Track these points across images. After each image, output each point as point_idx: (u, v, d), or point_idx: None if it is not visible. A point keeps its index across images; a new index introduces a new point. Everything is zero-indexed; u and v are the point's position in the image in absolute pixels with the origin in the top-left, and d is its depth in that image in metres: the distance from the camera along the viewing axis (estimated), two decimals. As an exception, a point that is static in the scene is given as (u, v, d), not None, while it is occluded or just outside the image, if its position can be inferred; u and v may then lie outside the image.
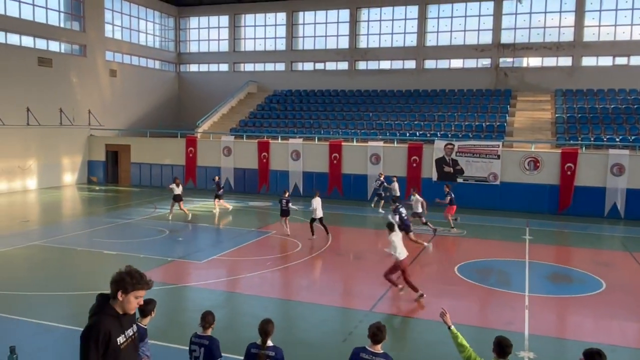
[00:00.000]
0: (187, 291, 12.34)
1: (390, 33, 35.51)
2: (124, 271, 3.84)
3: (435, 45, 34.56)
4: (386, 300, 11.74)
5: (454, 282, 13.19)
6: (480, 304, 11.98)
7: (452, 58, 34.41)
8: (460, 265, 14.58)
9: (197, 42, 40.89)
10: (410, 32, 34.94)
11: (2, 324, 9.82)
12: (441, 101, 32.09)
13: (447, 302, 11.62)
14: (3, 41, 27.18)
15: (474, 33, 33.72)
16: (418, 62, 34.85)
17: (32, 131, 28.11)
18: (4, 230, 18.21)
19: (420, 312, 11.28)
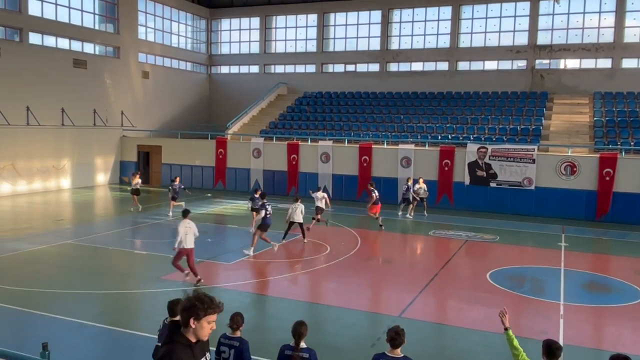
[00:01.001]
0: (216, 292, 12.46)
1: (422, 34, 35.25)
2: (193, 296, 3.80)
3: (469, 47, 34.16)
4: (416, 306, 11.63)
5: (486, 289, 12.98)
6: (513, 312, 11.72)
7: (486, 59, 33.94)
8: (493, 272, 14.34)
9: (228, 44, 41.37)
10: (443, 33, 34.61)
11: (35, 321, 10.10)
12: (474, 103, 31.69)
13: (479, 310, 11.44)
14: (40, 43, 28.02)
15: (509, 34, 33.19)
16: (451, 64, 34.49)
17: (67, 132, 28.88)
18: (39, 228, 18.75)
19: (452, 318, 11.14)
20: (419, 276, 14.15)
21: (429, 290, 12.82)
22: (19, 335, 9.47)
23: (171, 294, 11.43)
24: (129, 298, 11.95)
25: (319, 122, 32.99)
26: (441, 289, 13.17)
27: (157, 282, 12.68)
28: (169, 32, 37.51)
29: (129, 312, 11.09)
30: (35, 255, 15.22)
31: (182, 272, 12.59)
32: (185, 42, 39.51)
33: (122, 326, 9.92)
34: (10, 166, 25.92)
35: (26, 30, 26.95)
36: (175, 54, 37.95)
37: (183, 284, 12.67)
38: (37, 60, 27.34)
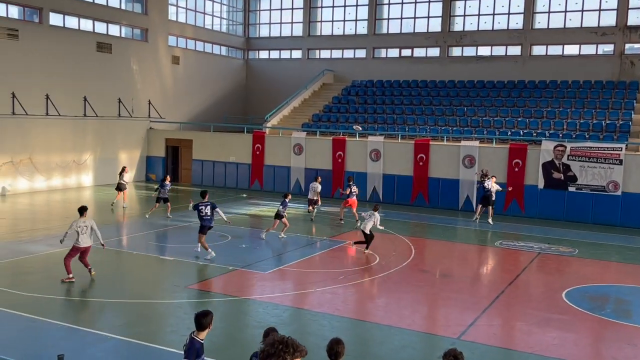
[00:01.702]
0: (249, 304, 12.61)
1: (491, 14, 34.65)
2: (277, 341, 3.87)
3: (546, 28, 33.34)
4: (478, 328, 11.43)
5: (561, 309, 12.64)
6: (592, 337, 11.40)
7: (566, 43, 33.04)
8: (570, 291, 13.97)
9: (267, 26, 41.78)
10: (516, 13, 33.91)
11: (52, 331, 10.45)
12: (551, 94, 30.92)
13: (552, 333, 11.16)
14: (61, 24, 29.04)
15: (594, 14, 32.20)
16: (524, 48, 33.75)
17: (89, 123, 29.81)
18: (57, 229, 19.39)
19: (521, 343, 10.89)
20: (483, 293, 13.91)
21: (494, 310, 12.57)
22: (34, 346, 9.82)
23: (198, 306, 11.62)
24: (154, 308, 12.22)
25: (368, 115, 32.91)
26: (508, 308, 12.91)
27: (184, 292, 12.93)
28: (202, 12, 38.22)
29: (153, 324, 11.34)
30: (53, 259, 15.75)
31: (69, 273, 13.26)
32: (220, 24, 40.16)
33: (145, 339, 10.14)
34: (28, 160, 26.95)
35: (46, 10, 27.98)
36: (208, 36, 38.62)
37: (214, 294, 12.86)
38: (58, 43, 28.33)
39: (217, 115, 38.13)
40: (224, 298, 12.75)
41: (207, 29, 38.66)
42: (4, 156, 25.90)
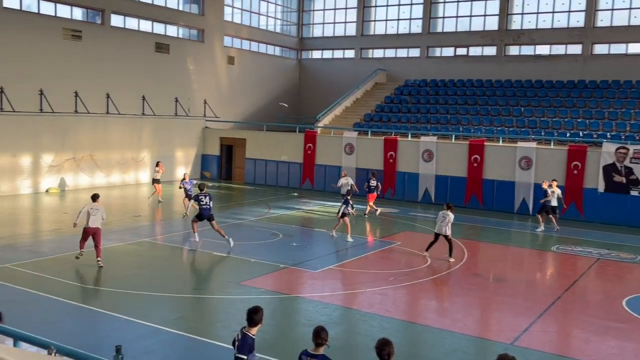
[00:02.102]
0: (300, 303, 12.70)
1: (550, 12, 33.77)
2: None
3: (609, 26, 32.24)
4: (533, 333, 11.17)
5: (621, 317, 12.21)
6: (657, 349, 10.95)
7: (631, 42, 31.88)
8: (631, 298, 13.48)
9: (321, 26, 41.96)
10: (577, 10, 32.94)
11: (110, 322, 10.82)
12: (613, 95, 29.90)
13: (611, 342, 10.81)
14: (121, 25, 29.95)
15: (661, 9, 30.95)
16: (585, 47, 32.73)
17: (147, 121, 30.65)
18: (116, 224, 20.04)
19: (577, 351, 10.59)
20: (537, 298, 13.58)
21: (549, 316, 12.27)
22: (93, 336, 10.19)
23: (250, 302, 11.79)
24: (207, 303, 12.48)
25: (421, 115, 32.62)
26: (564, 315, 12.57)
27: (237, 288, 13.14)
28: (256, 13, 38.71)
29: (206, 319, 11.58)
30: (112, 252, 16.29)
31: (81, 249, 14.50)
32: (275, 24, 40.58)
33: (198, 334, 10.37)
34: (89, 157, 27.92)
35: (108, 12, 28.92)
36: (263, 37, 39.08)
37: (265, 291, 13.02)
38: (119, 44, 29.23)
39: (270, 114, 38.54)
40: (275, 295, 12.90)
41: (262, 30, 39.13)
42: (67, 153, 26.92)
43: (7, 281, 12.91)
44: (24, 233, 18.52)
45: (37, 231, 18.73)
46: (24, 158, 25.49)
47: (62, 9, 27.11)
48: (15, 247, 16.34)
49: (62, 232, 18.16)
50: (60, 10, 27.03)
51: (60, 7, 27.01)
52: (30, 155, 25.65)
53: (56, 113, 26.14)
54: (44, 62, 25.90)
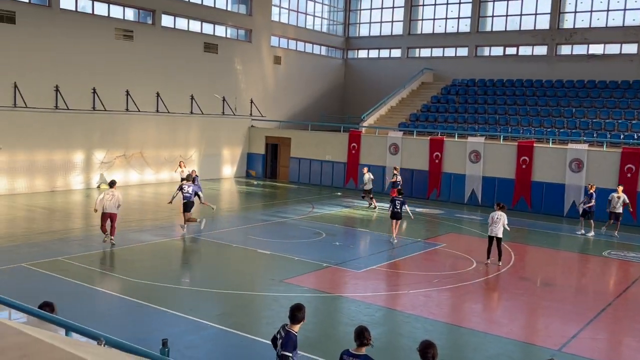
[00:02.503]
0: (342, 302, 12.71)
1: (605, 10, 32.78)
2: None
3: (667, 24, 31.13)
4: (581, 340, 10.89)
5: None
6: None
7: (690, 40, 30.69)
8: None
9: (367, 25, 41.86)
10: (633, 9, 31.89)
11: (156, 316, 11.07)
12: (671, 95, 28.81)
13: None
14: (171, 26, 30.55)
15: None
16: (641, 46, 31.70)
17: (195, 120, 31.20)
18: (164, 220, 20.49)
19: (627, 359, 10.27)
20: (587, 305, 13.23)
21: (599, 323, 11.93)
22: (140, 329, 10.45)
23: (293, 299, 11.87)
24: (250, 300, 12.62)
25: (469, 115, 32.18)
26: (615, 322, 12.20)
27: (280, 286, 13.24)
28: (303, 13, 38.88)
29: (249, 316, 11.72)
30: (159, 248, 16.67)
31: (104, 233, 16.01)
32: (321, 24, 40.69)
33: (242, 330, 10.50)
34: (139, 154, 28.61)
35: (159, 12, 29.54)
36: (309, 36, 39.24)
37: (307, 289, 13.09)
38: (168, 44, 29.83)
39: (315, 114, 38.68)
40: (317, 294, 12.94)
41: (308, 29, 39.29)
42: (118, 150, 27.65)
43: (60, 274, 13.36)
44: (76, 227, 19.12)
45: (88, 226, 19.30)
46: (77, 155, 26.30)
47: (114, 9, 27.85)
48: (68, 241, 16.89)
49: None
50: (113, 11, 27.77)
51: (113, 8, 27.75)
52: (83, 152, 26.46)
53: (108, 111, 26.87)
54: (97, 62, 26.66)
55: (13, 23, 23.55)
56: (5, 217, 20.04)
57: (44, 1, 25.06)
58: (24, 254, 14.96)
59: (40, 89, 24.46)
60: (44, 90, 24.65)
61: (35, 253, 15.06)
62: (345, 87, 42.16)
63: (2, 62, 23.29)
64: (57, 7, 25.20)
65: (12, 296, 5.83)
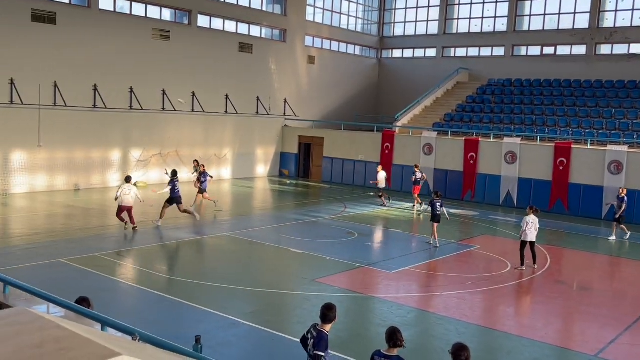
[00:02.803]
0: (374, 302, 12.67)
1: (647, 8, 31.97)
2: None
3: None
4: (619, 346, 10.63)
5: None
6: None
7: None
8: None
9: (402, 24, 41.63)
10: (676, 6, 31.03)
11: (190, 313, 11.20)
12: None
13: None
14: (207, 26, 30.88)
15: None
16: (685, 45, 30.79)
17: (229, 119, 31.49)
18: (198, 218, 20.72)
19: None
20: (626, 310, 12.91)
21: (638, 329, 11.62)
22: (173, 325, 10.58)
23: (325, 299, 11.87)
24: (282, 298, 12.68)
25: (504, 115, 31.73)
26: (655, 329, 11.86)
27: (312, 285, 13.26)
28: (338, 13, 38.87)
29: (281, 314, 11.77)
30: (194, 245, 16.88)
31: (123, 222, 17.57)
32: (355, 23, 40.62)
33: (274, 328, 10.56)
34: (175, 153, 29.00)
35: (195, 12, 29.90)
36: (343, 36, 39.22)
37: (339, 289, 13.08)
38: (204, 44, 30.16)
39: (348, 113, 38.63)
40: (349, 294, 12.93)
41: (343, 29, 39.27)
42: (154, 149, 28.08)
43: (96, 269, 13.63)
44: (112, 224, 19.46)
45: (126, 222, 19.63)
46: (114, 153, 26.80)
47: (152, 10, 28.29)
48: (104, 237, 17.22)
49: (146, 224, 18.96)
50: (150, 11, 28.21)
51: (151, 8, 28.19)
52: (120, 151, 26.94)
53: (144, 110, 27.32)
54: (134, 61, 27.11)
55: (54, 24, 24.13)
56: (44, 213, 20.55)
57: (83, 2, 25.60)
58: (62, 249, 15.31)
59: (79, 88, 24.99)
60: (83, 89, 25.18)
61: (72, 249, 15.41)
62: (379, 87, 42.01)
63: (44, 62, 23.87)
64: (96, 8, 25.72)
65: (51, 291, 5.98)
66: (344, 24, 39.61)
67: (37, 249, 15.25)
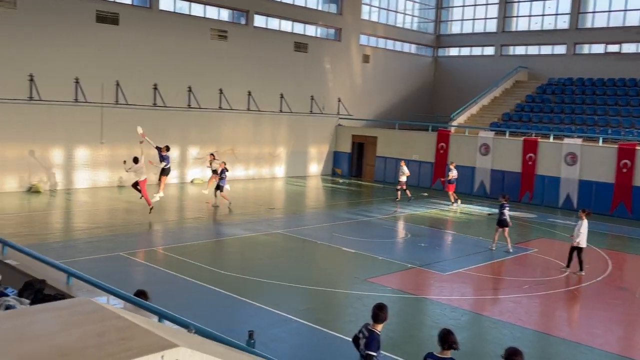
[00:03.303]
0: (426, 304, 12.55)
1: None
2: None
3: None
4: (685, 358, 10.17)
5: None
6: None
7: None
8: None
9: (459, 22, 41.02)
10: None
11: (243, 308, 11.37)
12: None
13: None
14: (264, 26, 31.24)
15: None
16: None
17: (284, 118, 31.77)
18: (252, 215, 21.01)
19: None
20: (693, 320, 12.34)
21: None
22: (227, 320, 10.77)
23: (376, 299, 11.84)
24: (334, 297, 12.71)
25: (565, 115, 30.82)
26: None
27: (364, 284, 13.24)
28: (394, 11, 38.62)
29: (333, 312, 11.81)
30: (248, 242, 17.12)
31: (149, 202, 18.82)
32: (411, 22, 40.27)
33: (325, 326, 10.60)
34: (230, 151, 29.45)
35: (252, 13, 30.28)
36: (399, 35, 38.94)
37: (391, 290, 13.01)
38: (260, 43, 30.51)
39: (402, 112, 38.33)
40: (401, 295, 12.84)
41: (398, 27, 38.99)
42: (210, 146, 28.58)
43: (155, 263, 14.02)
44: (171, 220, 19.97)
45: (182, 218, 20.12)
46: (172, 150, 27.39)
47: (210, 10, 28.82)
48: (162, 232, 17.68)
49: (203, 220, 19.36)
50: (209, 12, 28.74)
51: (209, 9, 28.72)
52: (178, 148, 27.57)
53: (202, 109, 27.87)
54: (193, 61, 27.67)
55: (117, 24, 24.90)
56: (106, 208, 21.26)
57: (145, 2, 26.32)
58: (121, 243, 15.81)
59: (139, 87, 25.70)
60: (143, 88, 25.88)
61: (131, 243, 15.89)
62: (435, 86, 41.51)
63: (106, 62, 24.65)
64: (156, 8, 26.40)
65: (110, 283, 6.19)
66: (400, 23, 39.32)
67: (98, 242, 15.80)
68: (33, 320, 2.69)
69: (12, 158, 22.48)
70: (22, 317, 2.79)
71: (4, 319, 2.82)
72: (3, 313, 3.57)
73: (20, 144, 22.59)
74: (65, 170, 24.01)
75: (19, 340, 2.41)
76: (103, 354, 2.27)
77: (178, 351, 2.34)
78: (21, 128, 22.44)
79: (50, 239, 16.20)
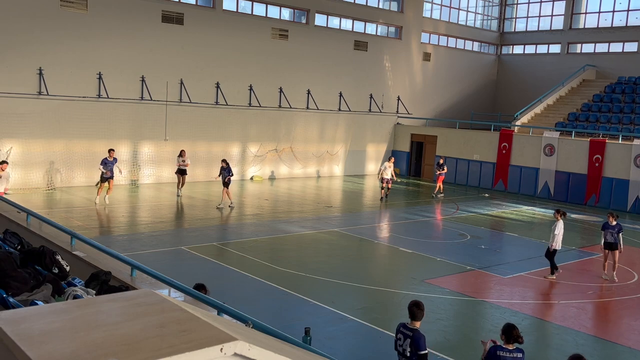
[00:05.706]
0: (486, 307, 12.29)
1: None
2: None
3: None
4: None
5: None
6: None
7: None
8: None
9: (524, 20, 39.95)
10: None
11: (300, 305, 11.45)
12: None
13: None
14: (324, 24, 31.32)
15: None
16: None
17: (342, 117, 31.78)
18: (310, 213, 21.12)
19: None
20: None
21: None
22: (284, 316, 10.87)
23: (434, 300, 11.71)
24: (391, 297, 12.62)
25: (635, 116, 29.57)
26: None
27: (421, 285, 13.09)
28: (456, 8, 37.99)
29: (389, 312, 11.72)
30: (305, 239, 17.22)
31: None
32: (474, 19, 39.51)
33: (381, 326, 10.54)
34: (289, 149, 29.75)
35: (313, 12, 30.41)
36: (461, 32, 38.27)
37: (449, 291, 12.81)
38: (320, 42, 30.63)
39: (463, 111, 37.68)
40: (460, 297, 12.62)
41: (460, 25, 38.33)
42: (270, 144, 28.97)
43: (215, 258, 14.30)
44: (231, 216, 20.31)
45: (242, 215, 20.43)
46: (233, 148, 27.91)
47: (272, 9, 29.14)
48: (223, 228, 18.01)
49: (261, 217, 19.60)
50: (270, 11, 29.06)
51: (271, 8, 29.04)
52: (238, 146, 28.02)
53: (262, 107, 28.22)
54: (254, 60, 28.06)
55: (181, 24, 25.51)
56: (169, 203, 21.82)
57: (208, 2, 26.85)
58: (184, 237, 16.21)
59: (202, 86, 26.26)
60: (206, 86, 26.42)
61: (193, 237, 16.26)
62: (498, 85, 40.60)
63: (171, 61, 25.30)
64: (220, 8, 26.89)
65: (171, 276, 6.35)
66: (462, 20, 38.64)
67: (161, 236, 16.25)
68: (98, 310, 2.79)
69: (80, 153, 23.32)
70: (89, 306, 2.89)
71: (71, 307, 2.93)
72: (71, 302, 3.72)
73: (88, 140, 23.43)
74: (130, 166, 24.77)
75: (85, 329, 2.50)
76: (164, 344, 2.32)
77: (236, 344, 2.37)
78: (88, 124, 23.30)
79: (115, 232, 16.78)
